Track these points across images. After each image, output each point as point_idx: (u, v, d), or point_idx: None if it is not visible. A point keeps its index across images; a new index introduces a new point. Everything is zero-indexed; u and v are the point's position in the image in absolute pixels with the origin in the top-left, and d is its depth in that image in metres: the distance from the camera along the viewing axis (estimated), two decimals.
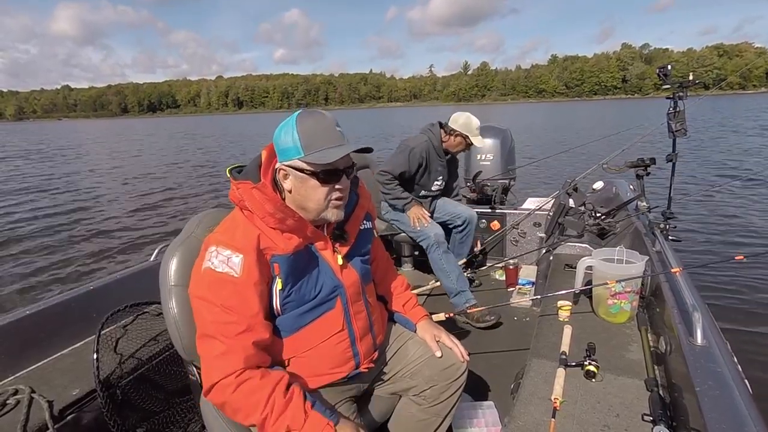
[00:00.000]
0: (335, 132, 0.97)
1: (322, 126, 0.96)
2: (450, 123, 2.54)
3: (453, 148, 2.60)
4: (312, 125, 0.96)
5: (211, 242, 0.96)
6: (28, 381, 1.39)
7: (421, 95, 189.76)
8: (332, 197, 1.00)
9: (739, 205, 6.21)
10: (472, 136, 2.50)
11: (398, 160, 2.48)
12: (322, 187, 0.97)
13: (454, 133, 2.52)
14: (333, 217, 1.02)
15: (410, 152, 2.47)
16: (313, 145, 0.94)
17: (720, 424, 0.84)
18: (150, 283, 1.26)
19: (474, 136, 2.51)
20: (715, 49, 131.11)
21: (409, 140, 2.56)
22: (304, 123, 0.96)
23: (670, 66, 1.95)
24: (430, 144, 2.54)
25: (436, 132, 2.56)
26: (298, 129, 0.95)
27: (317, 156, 0.93)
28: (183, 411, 1.53)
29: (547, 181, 8.43)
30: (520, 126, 26.32)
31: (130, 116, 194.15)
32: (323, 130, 0.96)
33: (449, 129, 2.53)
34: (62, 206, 8.52)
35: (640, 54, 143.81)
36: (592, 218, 2.33)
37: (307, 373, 1.05)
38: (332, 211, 1.01)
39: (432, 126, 2.59)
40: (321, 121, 0.97)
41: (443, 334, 1.27)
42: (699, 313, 1.14)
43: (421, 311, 1.34)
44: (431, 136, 2.55)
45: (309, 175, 0.96)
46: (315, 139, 0.94)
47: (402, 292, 1.37)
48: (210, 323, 0.92)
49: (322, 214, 1.01)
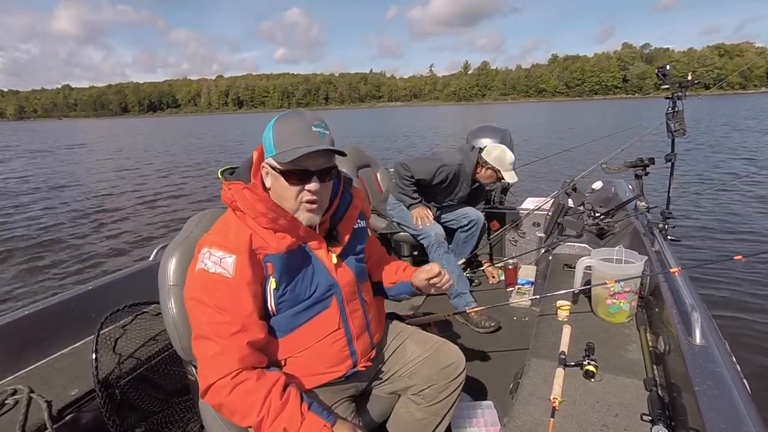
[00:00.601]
0: (310, 132, 0.94)
1: (296, 125, 0.96)
2: (484, 154, 2.49)
3: (483, 180, 2.57)
4: (287, 124, 0.96)
5: (204, 243, 0.96)
6: (26, 381, 1.39)
7: (421, 95, 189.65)
8: (303, 199, 0.98)
9: (738, 205, 6.21)
10: (504, 171, 2.46)
11: (424, 167, 2.43)
12: (291, 187, 0.96)
13: (487, 165, 2.49)
14: (305, 220, 1.00)
15: (440, 167, 2.42)
16: (284, 144, 0.94)
17: (719, 423, 0.84)
18: (149, 283, 1.26)
19: (506, 171, 2.46)
20: (716, 48, 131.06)
21: (443, 153, 2.50)
22: (281, 123, 0.97)
23: (668, 66, 1.94)
24: (462, 168, 2.49)
25: (472, 158, 2.51)
26: (274, 128, 0.96)
27: (285, 155, 0.93)
28: (182, 411, 1.53)
29: (547, 181, 8.44)
30: (520, 126, 26.32)
31: (131, 116, 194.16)
32: (297, 129, 0.95)
33: (482, 161, 2.49)
34: (62, 206, 8.53)
35: (641, 54, 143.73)
36: (591, 218, 2.34)
37: (304, 373, 1.05)
38: (304, 213, 1.00)
39: (471, 150, 2.54)
40: (296, 120, 0.96)
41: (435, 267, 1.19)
42: (698, 313, 1.14)
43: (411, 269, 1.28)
44: (466, 162, 2.50)
45: (279, 173, 0.96)
46: (286, 138, 0.94)
47: (394, 265, 1.33)
48: (204, 324, 0.91)
49: (295, 215, 1.00)
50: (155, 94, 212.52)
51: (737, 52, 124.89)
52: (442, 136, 21.25)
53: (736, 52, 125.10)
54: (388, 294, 1.32)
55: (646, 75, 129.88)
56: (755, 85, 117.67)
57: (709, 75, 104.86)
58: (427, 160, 2.47)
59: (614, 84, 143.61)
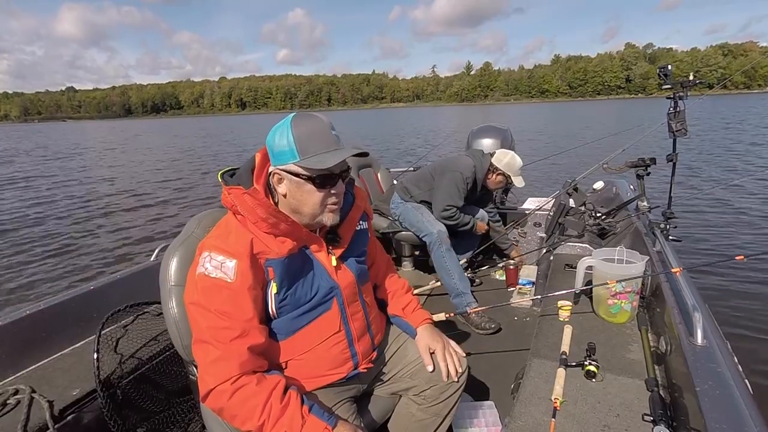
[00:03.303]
0: (331, 136, 0.96)
1: (317, 130, 0.95)
2: (494, 161, 2.53)
3: (493, 185, 2.61)
4: (308, 129, 0.94)
5: (205, 247, 0.96)
6: (28, 381, 1.40)
7: (423, 95, 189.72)
8: (328, 202, 0.99)
9: (740, 205, 6.18)
10: (514, 176, 2.51)
11: (457, 190, 2.47)
12: (318, 192, 0.97)
13: (498, 171, 2.53)
14: (329, 221, 1.02)
15: (464, 179, 2.46)
16: (309, 150, 0.93)
17: (720, 424, 0.84)
18: (150, 283, 1.26)
19: (515, 176, 2.52)
20: (720, 48, 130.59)
21: (457, 165, 2.51)
22: (300, 127, 0.94)
23: (670, 66, 1.94)
24: (476, 173, 2.53)
25: (485, 164, 2.54)
26: (293, 133, 0.94)
27: (313, 161, 0.93)
28: (183, 411, 1.53)
29: (548, 181, 8.42)
30: (521, 127, 26.27)
31: (134, 117, 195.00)
32: (319, 134, 0.95)
33: (492, 167, 2.54)
34: (62, 206, 8.56)
35: (644, 53, 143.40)
36: (593, 218, 2.33)
37: (305, 375, 1.05)
38: (328, 215, 1.01)
39: (483, 156, 2.57)
40: (317, 124, 0.96)
41: (439, 347, 1.21)
42: (699, 313, 1.13)
43: (422, 315, 1.30)
44: (478, 167, 2.53)
45: (305, 180, 0.95)
46: (311, 144, 0.93)
47: (403, 295, 1.34)
48: (205, 329, 0.91)
49: (318, 218, 1.01)
50: (158, 96, 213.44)
51: (741, 52, 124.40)
52: (443, 135, 21.22)
53: (740, 52, 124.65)
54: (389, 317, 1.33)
55: (649, 75, 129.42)
56: (759, 85, 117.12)
57: (712, 75, 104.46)
58: (451, 183, 2.48)
59: (617, 84, 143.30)
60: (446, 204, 2.48)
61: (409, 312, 1.31)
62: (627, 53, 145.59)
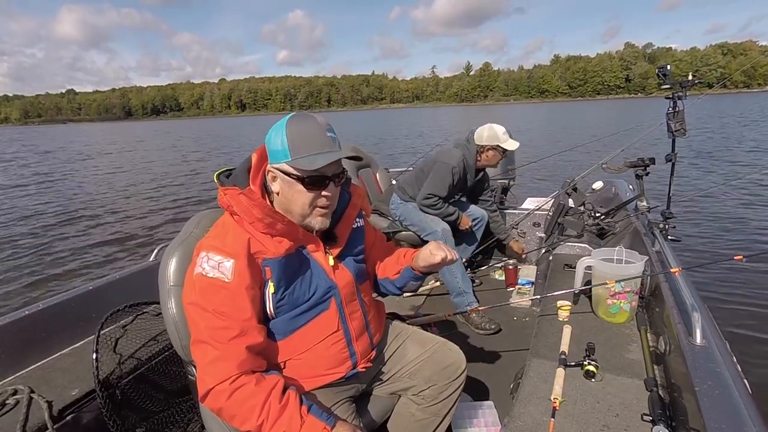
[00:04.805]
0: (325, 137, 0.95)
1: (312, 131, 0.95)
2: (476, 140, 2.52)
3: (489, 162, 2.58)
4: (301, 130, 0.95)
5: (202, 247, 0.96)
6: (27, 381, 1.40)
7: (423, 96, 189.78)
8: (318, 204, 0.99)
9: (739, 206, 6.17)
10: (503, 142, 2.48)
11: (441, 182, 2.46)
12: (307, 193, 0.96)
13: (486, 148, 2.51)
14: (317, 224, 1.01)
15: (452, 171, 2.45)
16: (301, 150, 0.93)
17: (719, 423, 0.84)
18: (149, 283, 1.26)
19: (504, 142, 2.48)
20: (719, 47, 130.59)
21: (446, 157, 2.50)
22: (294, 126, 0.95)
23: (669, 66, 1.94)
24: (465, 161, 2.51)
25: (471, 149, 2.53)
26: (287, 132, 0.94)
27: (304, 161, 0.93)
28: (182, 411, 1.53)
29: (547, 181, 8.42)
30: (520, 126, 26.26)
31: (134, 119, 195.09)
32: (313, 135, 0.95)
33: (479, 147, 2.52)
34: (62, 206, 8.57)
35: (644, 53, 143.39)
36: (592, 218, 2.33)
37: (304, 375, 1.05)
38: (317, 218, 1.00)
39: (468, 142, 2.56)
40: (311, 125, 0.96)
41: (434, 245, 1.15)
42: (698, 313, 1.13)
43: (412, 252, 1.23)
44: (467, 154, 2.52)
45: (295, 179, 0.95)
46: (303, 144, 0.93)
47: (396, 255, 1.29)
48: (203, 329, 0.91)
49: (306, 221, 1.00)
50: (159, 98, 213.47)
51: (741, 51, 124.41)
52: (444, 136, 21.24)
53: (740, 51, 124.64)
54: (396, 286, 1.26)
55: (649, 75, 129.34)
56: (759, 84, 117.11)
57: (712, 74, 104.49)
58: (439, 174, 2.47)
59: (617, 84, 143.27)
60: (428, 192, 2.48)
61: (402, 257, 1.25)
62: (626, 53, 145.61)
